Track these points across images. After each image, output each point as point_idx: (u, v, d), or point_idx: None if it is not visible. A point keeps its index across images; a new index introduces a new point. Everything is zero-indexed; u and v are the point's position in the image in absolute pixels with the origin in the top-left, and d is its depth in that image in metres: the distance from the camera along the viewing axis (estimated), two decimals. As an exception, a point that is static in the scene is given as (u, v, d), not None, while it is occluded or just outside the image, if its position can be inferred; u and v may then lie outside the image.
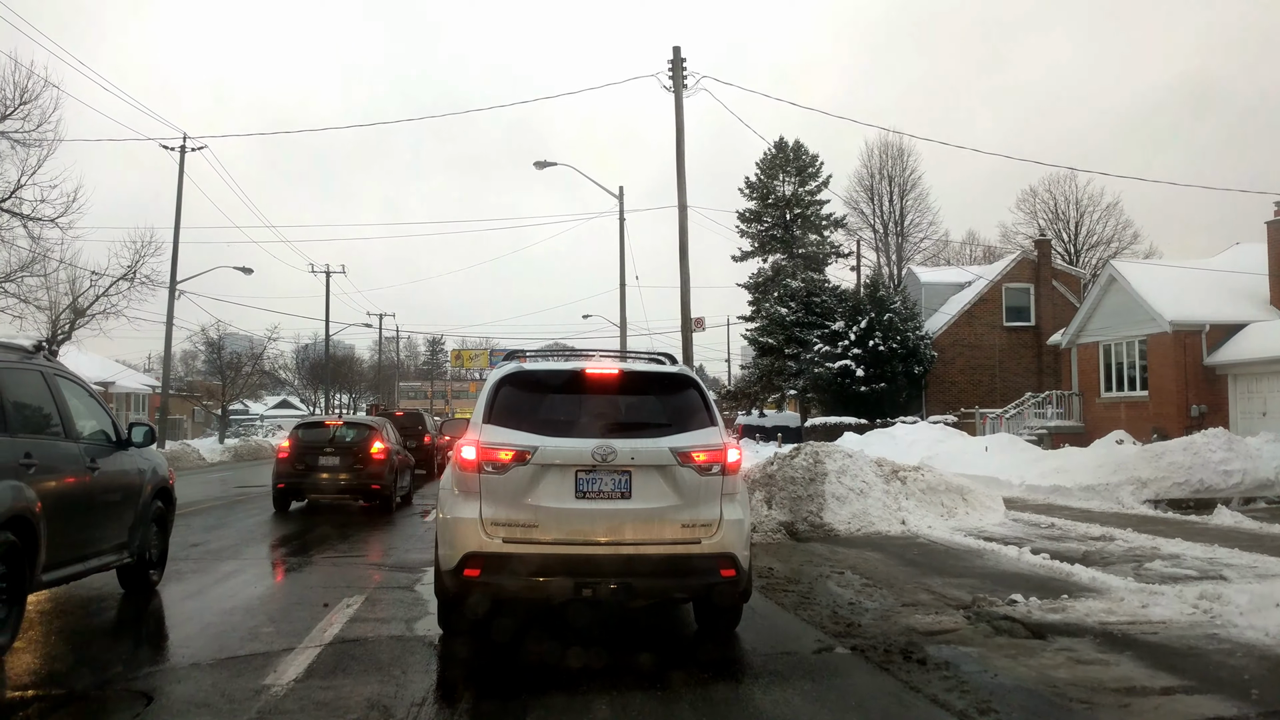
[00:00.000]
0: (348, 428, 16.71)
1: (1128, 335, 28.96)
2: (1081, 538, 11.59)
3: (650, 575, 6.00)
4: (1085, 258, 53.00)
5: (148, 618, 7.74)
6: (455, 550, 6.01)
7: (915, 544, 11.53)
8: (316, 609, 7.65)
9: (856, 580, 9.18)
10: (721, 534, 6.10)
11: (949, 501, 13.17)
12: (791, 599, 8.23)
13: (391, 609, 7.72)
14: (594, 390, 6.48)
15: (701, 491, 6.10)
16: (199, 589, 8.79)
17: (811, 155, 42.43)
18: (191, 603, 8.14)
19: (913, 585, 8.83)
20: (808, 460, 13.02)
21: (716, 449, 6.22)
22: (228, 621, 7.29)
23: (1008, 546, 10.66)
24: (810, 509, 12.54)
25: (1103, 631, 6.71)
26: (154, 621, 7.67)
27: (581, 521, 5.97)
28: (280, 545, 12.19)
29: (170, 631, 7.46)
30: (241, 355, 58.90)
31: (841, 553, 10.98)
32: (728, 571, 6.09)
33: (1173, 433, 26.87)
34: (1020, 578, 9.05)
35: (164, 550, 8.83)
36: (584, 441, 6.04)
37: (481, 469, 6.04)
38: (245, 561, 10.55)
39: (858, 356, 36.75)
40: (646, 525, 6.00)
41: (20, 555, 6.04)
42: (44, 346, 8.12)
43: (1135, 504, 14.42)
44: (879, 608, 7.82)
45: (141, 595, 8.25)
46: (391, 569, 9.86)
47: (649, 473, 6.05)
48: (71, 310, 33.17)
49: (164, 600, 8.30)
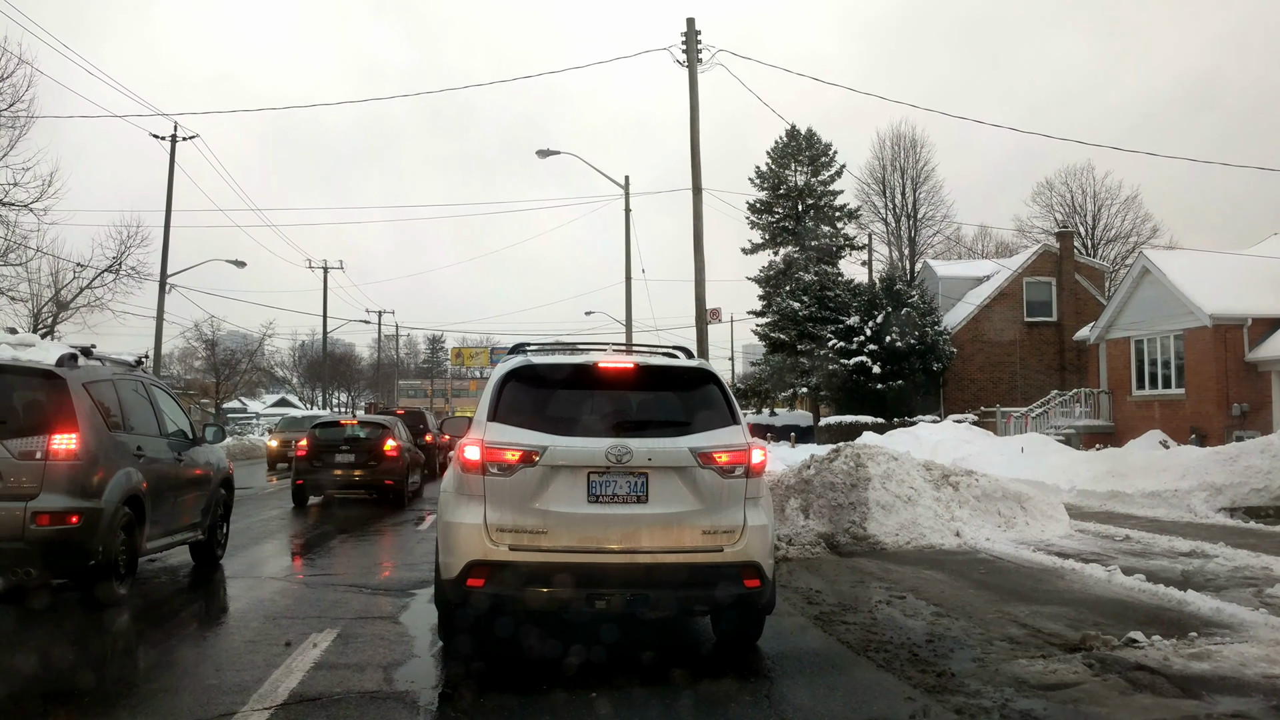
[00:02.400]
0: (362, 426, 17.49)
1: (1162, 330, 27.48)
2: (1169, 553, 10.13)
3: (668, 586, 5.63)
4: (1103, 252, 51.49)
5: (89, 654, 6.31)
6: (457, 558, 5.61)
7: (978, 560, 10.07)
8: (276, 649, 6.21)
9: (924, 608, 7.74)
10: (745, 541, 5.74)
11: (1007, 510, 11.71)
12: (855, 634, 6.78)
13: (368, 650, 6.26)
14: (607, 386, 6.05)
15: (724, 495, 5.75)
16: (146, 622, 7.36)
17: (825, 144, 40.91)
18: (129, 640, 6.70)
19: (995, 614, 7.38)
20: (848, 464, 11.56)
21: (740, 449, 5.84)
22: (163, 670, 5.86)
23: (1088, 565, 9.21)
24: (852, 519, 11.08)
25: (1273, 689, 5.26)
26: (87, 660, 6.22)
27: (594, 527, 5.59)
28: (250, 561, 10.73)
29: (89, 677, 6.00)
30: (237, 352, 57.52)
31: (895, 570, 9.53)
32: (752, 582, 5.72)
33: (1211, 433, 25.46)
34: (1122, 606, 7.60)
35: (227, 530, 10.38)
36: (597, 441, 5.66)
37: (486, 470, 5.65)
38: (205, 581, 9.14)
39: (873, 353, 35.28)
40: (664, 532, 5.63)
41: (134, 527, 7.77)
42: (142, 361, 9.62)
43: (1209, 512, 12.95)
44: (967, 648, 6.37)
45: (207, 567, 9.65)
46: (374, 592, 8.41)
47: (667, 475, 5.68)
48: (54, 303, 31.85)
49: (101, 635, 6.88)
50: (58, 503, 6.93)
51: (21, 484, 6.88)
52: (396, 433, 17.37)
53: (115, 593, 7.47)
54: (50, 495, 6.92)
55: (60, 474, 6.99)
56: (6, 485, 6.86)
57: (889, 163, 49.95)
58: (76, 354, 7.73)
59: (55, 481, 6.96)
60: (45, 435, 7.03)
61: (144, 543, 7.99)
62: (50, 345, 7.87)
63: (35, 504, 6.87)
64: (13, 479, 6.88)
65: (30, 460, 6.94)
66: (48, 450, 6.99)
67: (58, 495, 6.94)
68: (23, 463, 6.92)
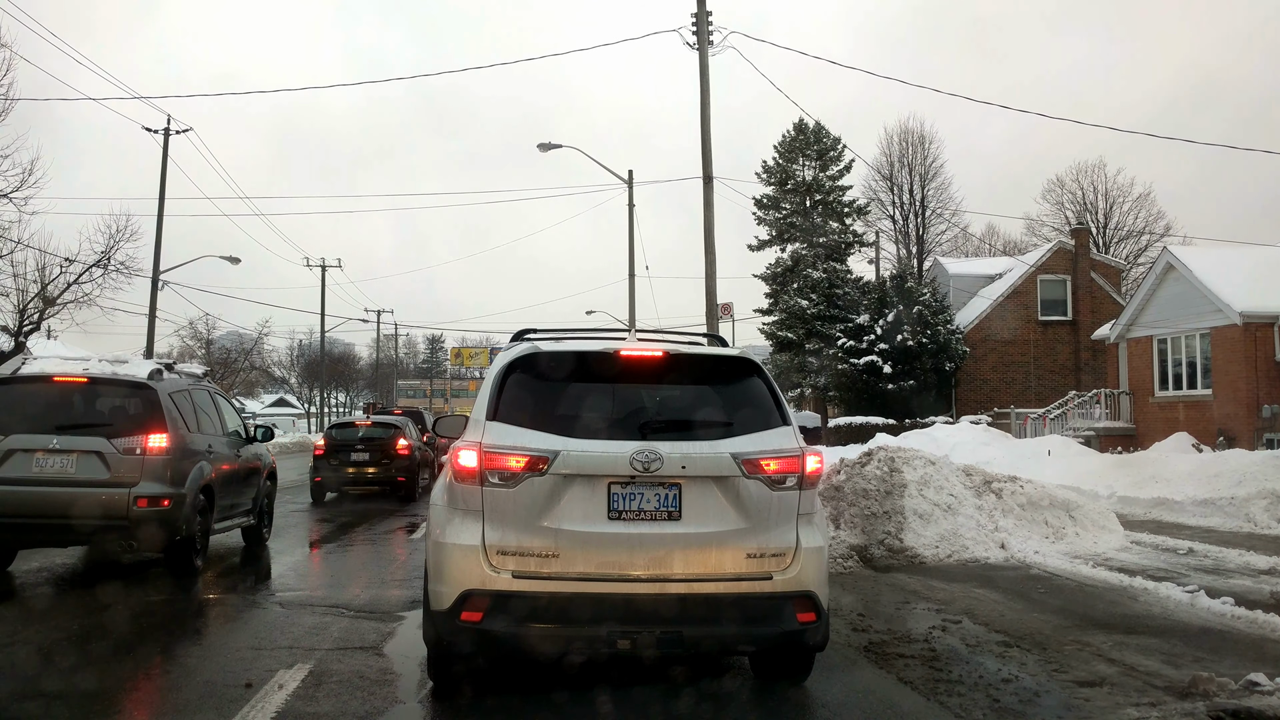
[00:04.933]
0: (376, 427, 18.56)
1: (1188, 328, 26.44)
2: (1247, 571, 9.13)
3: (706, 622, 4.68)
4: (1115, 250, 50.47)
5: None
6: (451, 586, 4.66)
7: (1031, 577, 9.06)
8: (235, 692, 5.20)
9: (986, 635, 6.74)
10: (799, 567, 4.82)
11: (1055, 520, 10.70)
12: (917, 671, 5.78)
13: (342, 695, 5.22)
14: (631, 378, 5.11)
15: (772, 511, 4.81)
16: (90, 655, 6.34)
17: (834, 138, 39.80)
18: (61, 680, 5.67)
19: (1074, 646, 6.38)
20: (882, 468, 10.55)
21: (792, 455, 4.90)
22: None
23: (1160, 584, 8.22)
24: (887, 529, 10.07)
25: None
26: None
27: (616, 550, 4.64)
28: (220, 576, 9.72)
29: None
30: (232, 350, 56.45)
31: (940, 589, 8.54)
32: (806, 616, 4.80)
33: (1240, 436, 24.42)
34: (1218, 636, 6.61)
35: (271, 515, 11.88)
36: (619, 445, 4.71)
37: (485, 480, 4.70)
38: (170, 602, 8.14)
39: (884, 352, 34.23)
40: (702, 555, 4.70)
41: (207, 511, 9.23)
42: (209, 372, 11.85)
43: (1271, 523, 11.92)
44: (1054, 692, 5.36)
45: (257, 545, 11.12)
46: (356, 615, 7.38)
47: (704, 486, 4.75)
48: (40, 299, 30.80)
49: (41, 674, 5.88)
50: (153, 489, 8.41)
51: (125, 474, 8.35)
52: (408, 432, 18.40)
53: (194, 564, 8.95)
54: (147, 483, 8.40)
55: (154, 466, 8.48)
56: (113, 475, 8.33)
57: (897, 159, 48.94)
58: (162, 369, 9.42)
59: (151, 472, 8.45)
60: (142, 435, 8.54)
61: (213, 524, 9.53)
62: (141, 362, 9.46)
63: (136, 490, 8.32)
64: (119, 470, 8.35)
65: (131, 455, 8.42)
66: (144, 447, 8.49)
67: (153, 483, 8.43)
68: (126, 457, 8.40)
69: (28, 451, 8.31)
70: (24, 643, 6.53)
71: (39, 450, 8.31)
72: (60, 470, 8.29)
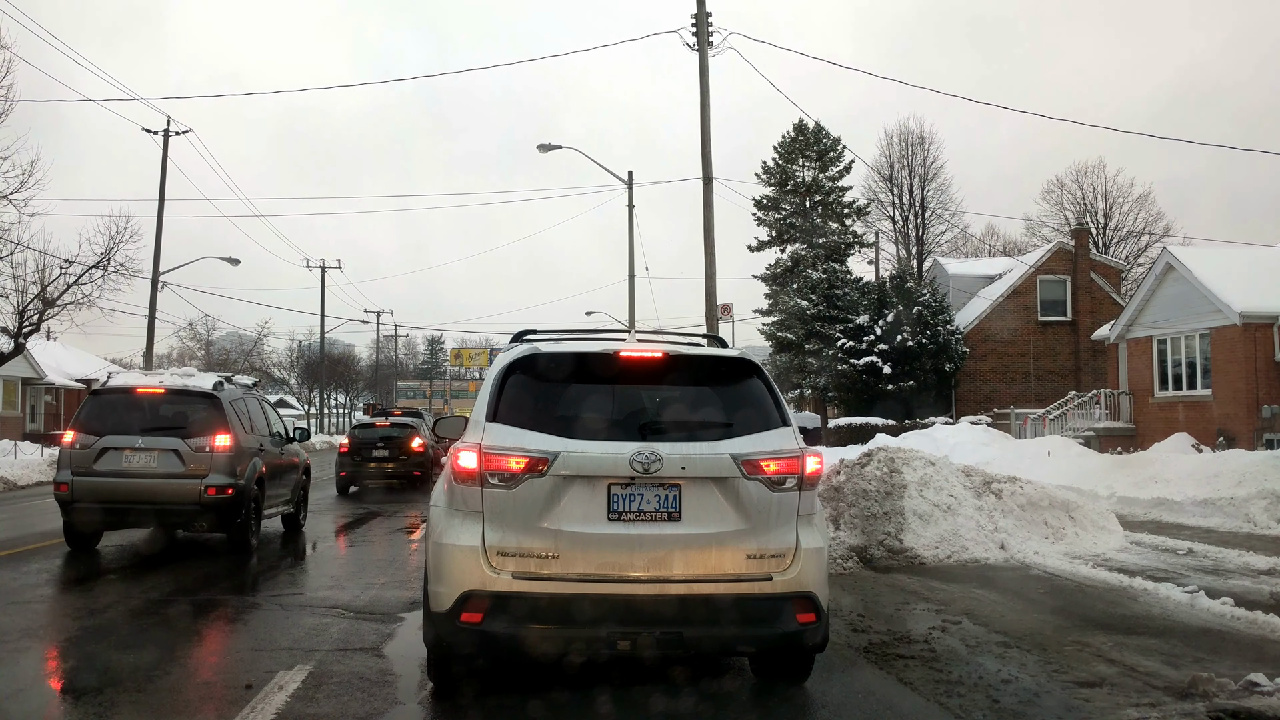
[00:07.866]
0: (394, 426, 20.67)
1: (1187, 328, 26.44)
2: (1247, 571, 9.13)
3: (706, 623, 4.70)
4: (1115, 251, 50.47)
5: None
6: (450, 588, 4.68)
7: (1031, 577, 9.07)
8: (234, 694, 5.21)
9: (986, 636, 6.74)
10: (798, 567, 4.84)
11: (1054, 520, 10.70)
12: (917, 672, 5.78)
13: (342, 698, 5.22)
14: (631, 379, 5.13)
15: (772, 512, 4.84)
16: (90, 655, 6.34)
17: (834, 138, 39.79)
18: (41, 689, 5.67)
19: (1074, 647, 6.38)
20: (881, 469, 10.55)
21: (792, 456, 4.92)
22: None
23: (1160, 584, 8.22)
24: (887, 529, 10.07)
25: None
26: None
27: (615, 551, 4.66)
28: (216, 578, 9.72)
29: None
30: (232, 351, 56.50)
31: (939, 589, 8.54)
32: (806, 617, 4.83)
33: (1240, 436, 24.41)
34: (1217, 637, 6.61)
35: (307, 504, 13.69)
36: (619, 446, 4.73)
37: (485, 481, 4.72)
38: (178, 596, 8.13)
39: (884, 353, 34.23)
40: (702, 556, 4.72)
41: (260, 499, 10.96)
42: (258, 383, 14.34)
43: (1271, 523, 11.93)
44: (1053, 692, 5.37)
45: (294, 530, 12.90)
46: (357, 615, 7.38)
47: (704, 487, 4.78)
48: (40, 300, 30.78)
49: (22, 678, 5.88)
50: (220, 480, 10.13)
51: (197, 468, 10.09)
52: (422, 431, 20.54)
53: (249, 542, 10.56)
54: (215, 475, 10.11)
55: (220, 461, 10.19)
56: (188, 469, 10.08)
57: (897, 159, 49.03)
58: (223, 381, 11.20)
59: (217, 466, 10.15)
60: (210, 436, 10.25)
61: (264, 510, 11.24)
62: (204, 375, 11.34)
63: (206, 481, 10.06)
64: (192, 465, 10.10)
65: (201, 452, 10.15)
66: (212, 445, 10.20)
67: (219, 475, 10.14)
68: (197, 454, 10.14)
69: (118, 450, 10.12)
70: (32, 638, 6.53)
71: (127, 449, 10.11)
72: (144, 465, 10.08)
